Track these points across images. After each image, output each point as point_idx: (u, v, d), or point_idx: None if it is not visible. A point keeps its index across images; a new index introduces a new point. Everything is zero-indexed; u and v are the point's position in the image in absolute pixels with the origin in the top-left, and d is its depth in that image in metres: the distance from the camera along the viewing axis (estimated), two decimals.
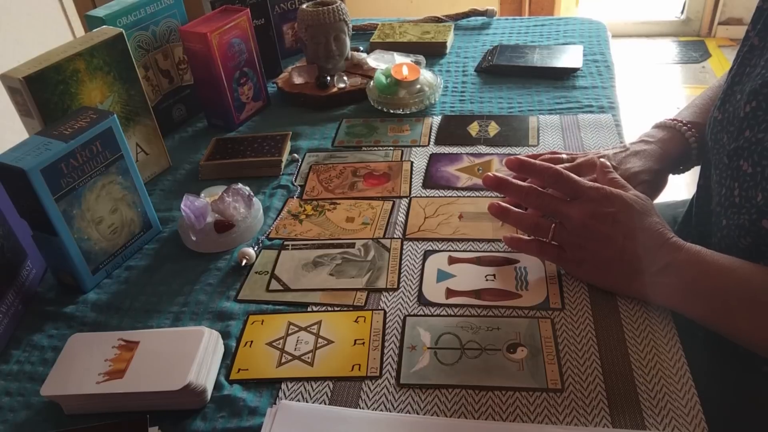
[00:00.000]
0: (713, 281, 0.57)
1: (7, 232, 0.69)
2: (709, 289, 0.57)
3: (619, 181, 0.64)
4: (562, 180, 0.62)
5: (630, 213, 0.60)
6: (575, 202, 0.61)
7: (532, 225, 0.65)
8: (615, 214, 0.60)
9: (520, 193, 0.64)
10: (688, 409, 0.52)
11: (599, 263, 0.62)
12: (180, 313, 0.67)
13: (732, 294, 0.56)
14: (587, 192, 0.61)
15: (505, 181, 0.65)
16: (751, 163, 0.58)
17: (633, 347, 0.58)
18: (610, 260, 0.60)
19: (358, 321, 0.63)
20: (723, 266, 0.57)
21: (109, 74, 0.79)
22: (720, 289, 0.57)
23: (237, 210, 0.75)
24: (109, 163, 0.70)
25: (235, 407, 0.56)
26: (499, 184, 0.65)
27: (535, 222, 0.64)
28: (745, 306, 0.56)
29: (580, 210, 0.61)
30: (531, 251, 0.66)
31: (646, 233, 0.59)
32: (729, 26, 3.03)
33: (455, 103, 1.00)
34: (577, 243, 0.62)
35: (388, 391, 0.56)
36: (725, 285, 0.57)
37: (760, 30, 0.63)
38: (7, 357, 0.64)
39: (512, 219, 0.66)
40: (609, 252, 0.60)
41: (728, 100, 0.65)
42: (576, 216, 0.61)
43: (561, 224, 0.63)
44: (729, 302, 0.56)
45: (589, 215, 0.60)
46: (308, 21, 1.00)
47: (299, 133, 0.96)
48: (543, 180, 0.64)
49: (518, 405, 0.54)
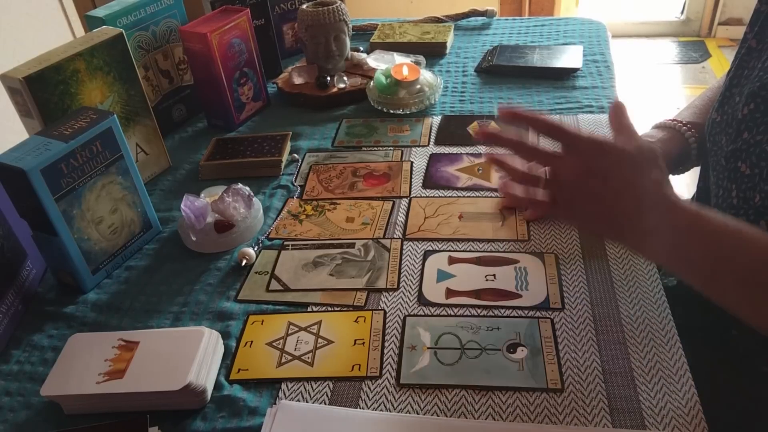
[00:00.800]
0: (708, 246, 0.54)
1: (7, 232, 0.69)
2: (701, 255, 0.54)
3: (629, 128, 0.59)
4: (555, 129, 0.58)
5: (624, 168, 0.56)
6: (567, 156, 0.58)
7: (523, 176, 0.62)
8: (607, 170, 0.56)
9: (512, 145, 0.60)
10: (688, 409, 0.52)
11: (590, 219, 0.59)
12: (180, 313, 0.67)
13: (731, 261, 0.53)
14: (579, 144, 0.57)
15: (497, 133, 0.61)
16: (749, 164, 0.58)
17: (633, 347, 0.58)
18: (601, 217, 0.58)
19: (358, 321, 0.63)
20: (723, 230, 0.54)
21: (109, 74, 0.79)
22: (715, 255, 0.54)
23: (237, 210, 0.75)
24: (109, 163, 0.70)
25: (235, 407, 0.56)
26: (490, 135, 0.61)
27: (527, 174, 0.62)
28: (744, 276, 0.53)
29: (571, 164, 0.57)
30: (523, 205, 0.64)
31: (638, 190, 0.56)
32: (729, 26, 3.03)
33: (455, 103, 1.00)
34: (568, 199, 0.59)
35: (388, 391, 0.56)
36: (722, 251, 0.54)
37: (757, 32, 0.63)
38: (7, 357, 0.64)
39: (504, 168, 0.63)
40: (599, 209, 0.57)
41: (726, 102, 0.65)
42: (567, 171, 0.57)
43: (552, 178, 0.60)
44: (719, 269, 0.54)
45: (580, 171, 0.57)
46: (308, 21, 1.00)
47: (299, 133, 0.96)
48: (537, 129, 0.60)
49: (518, 405, 0.54)
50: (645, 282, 0.64)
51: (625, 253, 0.68)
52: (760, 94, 0.59)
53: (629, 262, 0.67)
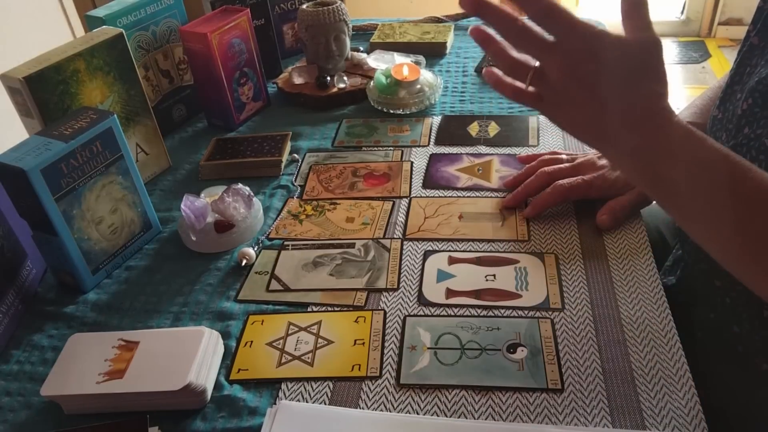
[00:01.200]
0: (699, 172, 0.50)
1: (7, 232, 0.69)
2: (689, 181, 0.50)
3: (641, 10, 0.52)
4: (552, 15, 0.51)
5: (616, 73, 0.50)
6: (558, 50, 0.51)
7: (510, 63, 0.55)
8: (596, 76, 0.50)
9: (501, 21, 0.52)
10: (688, 409, 0.52)
11: (572, 123, 0.55)
12: (180, 313, 0.67)
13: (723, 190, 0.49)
14: (573, 40, 0.51)
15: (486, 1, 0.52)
16: (749, 158, 0.58)
17: (633, 347, 0.58)
18: (584, 126, 0.54)
19: (358, 321, 0.63)
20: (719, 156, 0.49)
21: (109, 74, 0.79)
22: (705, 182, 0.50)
23: (237, 210, 0.75)
24: (109, 163, 0.70)
25: (235, 407, 0.56)
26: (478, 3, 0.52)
27: (515, 60, 0.55)
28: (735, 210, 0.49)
29: (560, 62, 0.51)
30: (506, 93, 0.58)
31: (628, 104, 0.51)
32: (729, 26, 3.04)
33: (455, 103, 1.00)
34: (554, 98, 0.54)
35: (388, 391, 0.56)
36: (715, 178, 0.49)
37: (760, 29, 0.63)
38: (7, 357, 0.64)
39: (492, 50, 0.55)
40: (583, 117, 0.53)
41: (728, 99, 0.65)
42: (554, 69, 0.52)
43: (541, 69, 0.54)
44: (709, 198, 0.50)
45: (568, 71, 0.51)
46: (308, 21, 1.00)
47: (299, 133, 0.96)
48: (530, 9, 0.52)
49: (518, 405, 0.54)
50: (645, 282, 0.64)
51: (625, 253, 0.68)
52: (757, 89, 0.59)
53: (629, 262, 0.67)
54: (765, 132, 0.57)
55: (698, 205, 0.51)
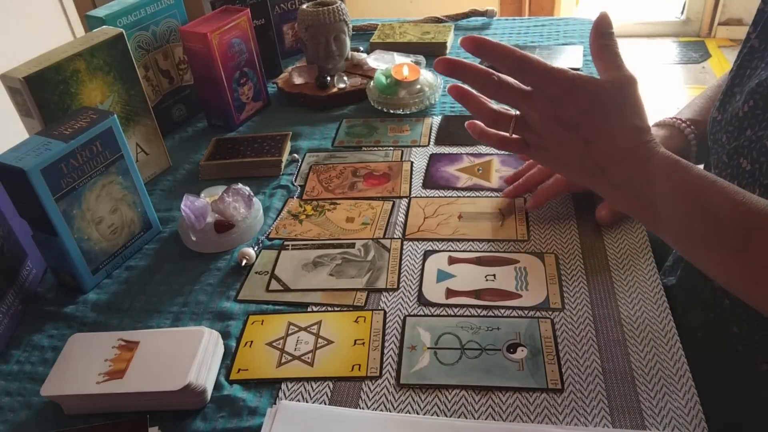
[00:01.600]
0: (687, 201, 0.51)
1: (7, 232, 0.69)
2: (678, 209, 0.51)
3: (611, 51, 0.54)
4: (523, 66, 0.53)
5: (596, 113, 0.52)
6: (536, 98, 0.53)
7: (491, 116, 0.57)
8: (577, 116, 0.52)
9: (477, 79, 0.54)
10: (688, 409, 0.52)
11: (561, 164, 0.57)
12: (180, 313, 0.67)
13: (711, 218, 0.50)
14: (549, 86, 0.52)
15: (461, 63, 0.55)
16: (750, 160, 0.58)
17: (633, 347, 0.58)
18: (571, 165, 0.55)
19: (358, 321, 0.63)
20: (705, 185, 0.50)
21: (109, 74, 0.79)
22: (694, 210, 0.51)
23: (237, 210, 0.75)
24: (109, 163, 0.70)
25: (235, 407, 0.56)
26: (453, 65, 0.55)
27: (495, 114, 0.56)
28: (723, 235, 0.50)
29: (541, 108, 0.53)
30: (492, 144, 0.59)
31: (611, 139, 0.52)
32: (729, 27, 3.04)
33: (455, 103, 1.00)
34: (539, 142, 0.55)
35: (388, 391, 0.56)
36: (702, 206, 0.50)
37: (760, 32, 0.63)
38: (7, 357, 0.64)
39: (471, 105, 0.57)
40: (570, 157, 0.54)
41: (728, 101, 0.65)
42: (536, 115, 0.53)
43: (522, 119, 0.55)
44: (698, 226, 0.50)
45: (549, 116, 0.53)
46: (308, 21, 1.00)
47: (299, 133, 0.96)
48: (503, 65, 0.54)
49: (518, 405, 0.54)
50: (645, 282, 0.64)
51: (625, 253, 0.68)
52: (758, 91, 0.59)
53: (629, 262, 0.67)
54: (766, 134, 0.57)
55: (692, 232, 0.51)
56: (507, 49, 0.54)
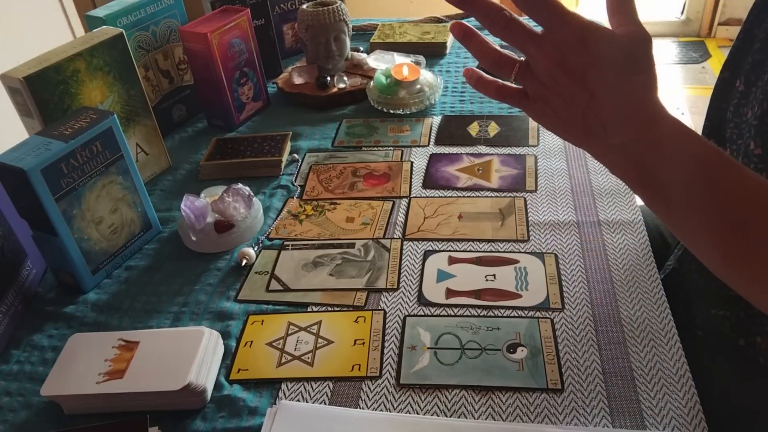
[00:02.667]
0: (689, 169, 0.48)
1: (7, 232, 0.69)
2: (679, 178, 0.48)
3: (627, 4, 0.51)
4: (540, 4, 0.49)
5: (607, 65, 0.48)
6: (546, 41, 0.49)
7: (494, 58, 0.52)
8: (586, 67, 0.48)
9: (487, 13, 0.50)
10: (688, 409, 0.52)
11: (560, 120, 0.52)
12: (180, 313, 0.67)
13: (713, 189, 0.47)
14: (563, 29, 0.48)
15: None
16: (761, 143, 0.57)
17: (633, 347, 0.58)
18: (572, 120, 0.51)
19: (358, 321, 0.63)
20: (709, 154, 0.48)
21: (109, 74, 0.79)
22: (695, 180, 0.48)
23: (237, 210, 0.75)
24: (109, 163, 0.70)
25: (235, 407, 0.56)
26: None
27: (498, 55, 0.52)
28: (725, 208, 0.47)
29: (549, 54, 0.49)
30: (489, 92, 0.55)
31: (619, 95, 0.49)
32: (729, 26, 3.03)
33: (455, 103, 1.00)
34: (540, 92, 0.52)
35: (388, 391, 0.56)
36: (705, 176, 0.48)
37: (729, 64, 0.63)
38: (7, 357, 0.64)
39: (473, 46, 0.52)
40: (571, 110, 0.50)
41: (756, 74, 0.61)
42: (542, 61, 0.50)
43: (527, 63, 0.51)
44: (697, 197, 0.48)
45: (556, 63, 0.49)
46: (308, 21, 1.00)
47: (299, 133, 0.96)
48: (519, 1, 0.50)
49: (518, 405, 0.54)
50: (645, 282, 0.64)
51: (625, 253, 0.68)
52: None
53: (629, 262, 0.67)
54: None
55: (689, 203, 0.49)
56: None
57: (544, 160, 0.84)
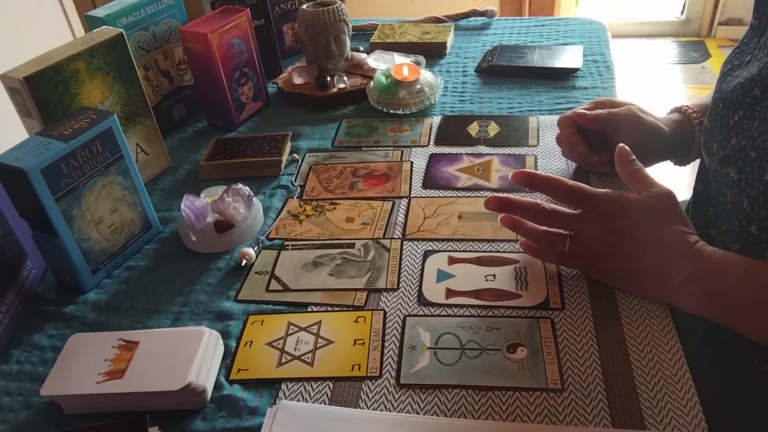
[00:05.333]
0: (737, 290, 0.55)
1: (7, 232, 0.69)
2: (733, 299, 0.56)
3: (640, 173, 0.61)
4: (574, 195, 0.60)
5: (647, 224, 0.58)
6: (589, 218, 0.60)
7: (546, 240, 0.63)
8: (632, 227, 0.58)
9: (529, 213, 0.62)
10: (688, 409, 0.52)
11: (620, 274, 0.61)
12: (180, 313, 0.67)
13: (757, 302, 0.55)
14: (601, 206, 0.59)
15: (510, 200, 0.63)
16: (737, 169, 0.59)
17: (633, 347, 0.58)
18: (631, 272, 0.60)
19: (358, 321, 0.63)
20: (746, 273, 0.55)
21: (109, 74, 0.79)
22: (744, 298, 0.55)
23: (237, 210, 0.75)
24: (109, 163, 0.70)
25: (235, 407, 0.56)
26: (503, 204, 0.63)
27: (550, 236, 0.63)
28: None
29: (595, 226, 0.59)
30: (550, 260, 0.65)
31: (665, 244, 0.57)
32: (729, 26, 3.04)
33: (455, 103, 1.00)
34: (596, 256, 0.61)
35: (388, 391, 0.56)
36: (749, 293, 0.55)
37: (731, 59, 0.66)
38: (7, 357, 0.64)
39: (525, 232, 0.64)
40: (628, 266, 0.59)
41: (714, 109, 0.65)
42: (591, 233, 0.60)
43: (576, 237, 0.62)
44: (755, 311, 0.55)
45: (605, 231, 0.59)
46: (308, 21, 1.00)
47: (299, 133, 0.96)
48: (554, 196, 0.62)
49: (518, 405, 0.54)
50: None
51: None
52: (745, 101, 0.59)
53: None
54: (749, 143, 0.57)
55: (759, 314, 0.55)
56: (557, 180, 0.61)
57: (544, 160, 0.84)
